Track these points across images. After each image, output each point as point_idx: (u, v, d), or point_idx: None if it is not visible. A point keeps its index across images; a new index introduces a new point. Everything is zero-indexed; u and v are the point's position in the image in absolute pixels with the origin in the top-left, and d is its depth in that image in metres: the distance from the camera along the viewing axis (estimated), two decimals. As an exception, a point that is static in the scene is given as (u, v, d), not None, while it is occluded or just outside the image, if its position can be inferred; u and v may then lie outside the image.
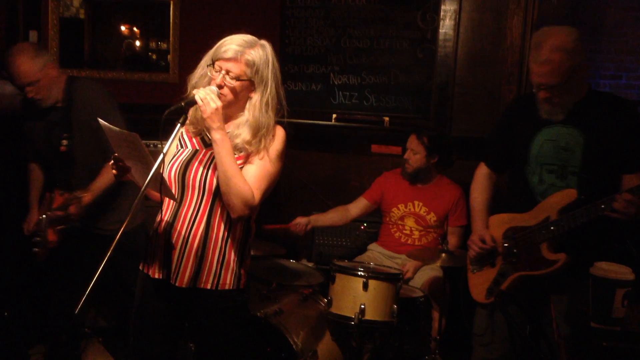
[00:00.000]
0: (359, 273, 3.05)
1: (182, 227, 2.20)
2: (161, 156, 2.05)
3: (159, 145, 2.10)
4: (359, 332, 3.12)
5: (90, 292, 1.89)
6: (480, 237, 2.70)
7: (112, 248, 1.93)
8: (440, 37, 4.17)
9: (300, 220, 3.71)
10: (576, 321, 1.95)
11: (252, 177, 2.16)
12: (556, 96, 2.40)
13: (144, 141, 2.10)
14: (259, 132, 2.17)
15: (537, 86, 2.40)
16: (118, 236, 1.96)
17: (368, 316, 3.00)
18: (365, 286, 3.01)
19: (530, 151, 2.55)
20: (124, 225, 1.96)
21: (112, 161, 2.13)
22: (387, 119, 4.39)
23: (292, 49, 4.50)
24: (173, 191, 2.23)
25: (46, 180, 3.38)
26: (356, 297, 3.02)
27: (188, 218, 2.20)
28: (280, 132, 2.25)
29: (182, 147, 2.30)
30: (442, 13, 4.14)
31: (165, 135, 2.12)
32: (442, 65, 4.19)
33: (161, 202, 2.19)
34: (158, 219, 2.28)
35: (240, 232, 2.25)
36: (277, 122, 2.26)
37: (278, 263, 3.67)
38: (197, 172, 2.19)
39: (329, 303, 3.11)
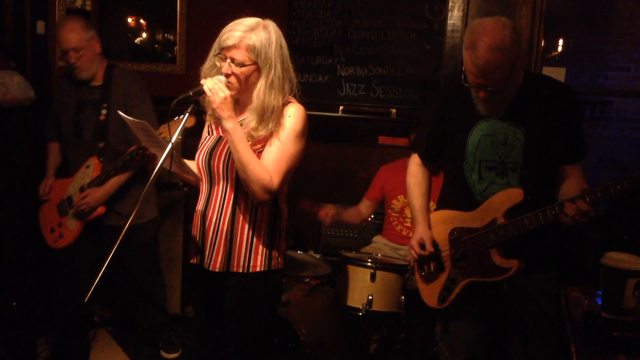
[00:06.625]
0: (367, 264, 3.05)
1: (212, 213, 2.24)
2: (169, 146, 2.06)
3: (166, 137, 2.10)
4: (366, 323, 3.12)
5: (99, 282, 1.89)
6: (419, 241, 2.52)
7: (119, 239, 1.93)
8: (448, 28, 4.15)
9: (330, 211, 3.68)
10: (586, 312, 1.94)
11: (270, 161, 2.14)
12: (497, 94, 2.25)
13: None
14: (264, 116, 2.14)
15: (476, 87, 2.24)
16: (125, 228, 1.96)
17: (375, 307, 3.00)
18: (373, 277, 3.01)
19: (467, 147, 2.41)
20: (131, 217, 1.97)
21: (140, 150, 2.16)
22: (394, 110, 4.37)
23: (299, 40, 4.48)
24: (202, 179, 2.27)
25: (64, 161, 3.44)
26: (364, 288, 3.02)
27: (218, 204, 2.24)
28: (297, 111, 2.20)
29: (209, 134, 2.33)
30: (450, 4, 4.12)
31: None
32: (450, 56, 4.17)
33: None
34: (196, 208, 2.32)
35: (268, 215, 2.25)
36: (295, 101, 2.23)
37: (285, 254, 3.66)
38: (220, 158, 2.21)
39: (337, 294, 3.11)
